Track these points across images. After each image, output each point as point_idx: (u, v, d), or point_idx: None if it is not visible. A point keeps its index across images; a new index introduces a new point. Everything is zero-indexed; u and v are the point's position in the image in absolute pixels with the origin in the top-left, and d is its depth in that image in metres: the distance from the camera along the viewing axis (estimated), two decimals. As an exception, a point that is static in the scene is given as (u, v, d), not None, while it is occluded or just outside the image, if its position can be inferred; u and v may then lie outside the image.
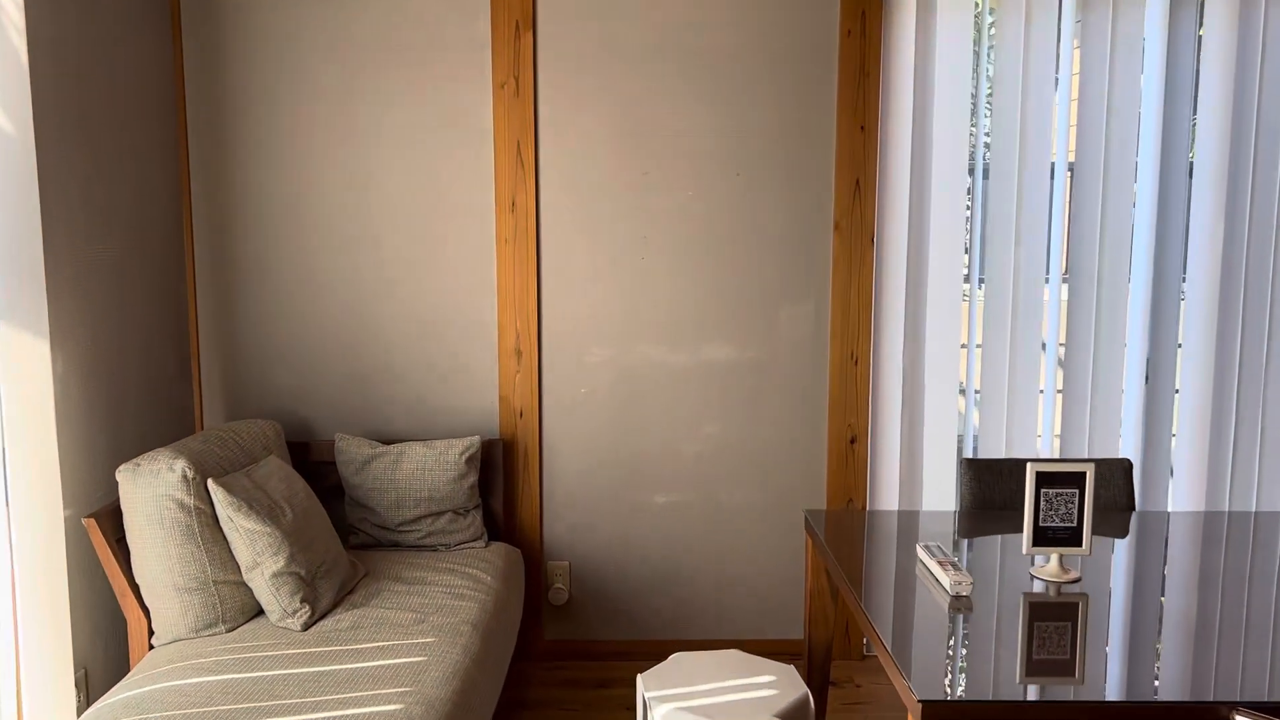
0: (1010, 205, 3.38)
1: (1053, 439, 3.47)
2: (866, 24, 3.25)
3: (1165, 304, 3.43)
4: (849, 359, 3.35)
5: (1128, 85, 3.35)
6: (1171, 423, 3.48)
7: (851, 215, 3.32)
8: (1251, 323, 3.41)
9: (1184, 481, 3.47)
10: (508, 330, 3.31)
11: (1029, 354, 3.42)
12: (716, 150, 3.28)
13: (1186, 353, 3.44)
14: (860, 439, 3.38)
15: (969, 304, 3.49)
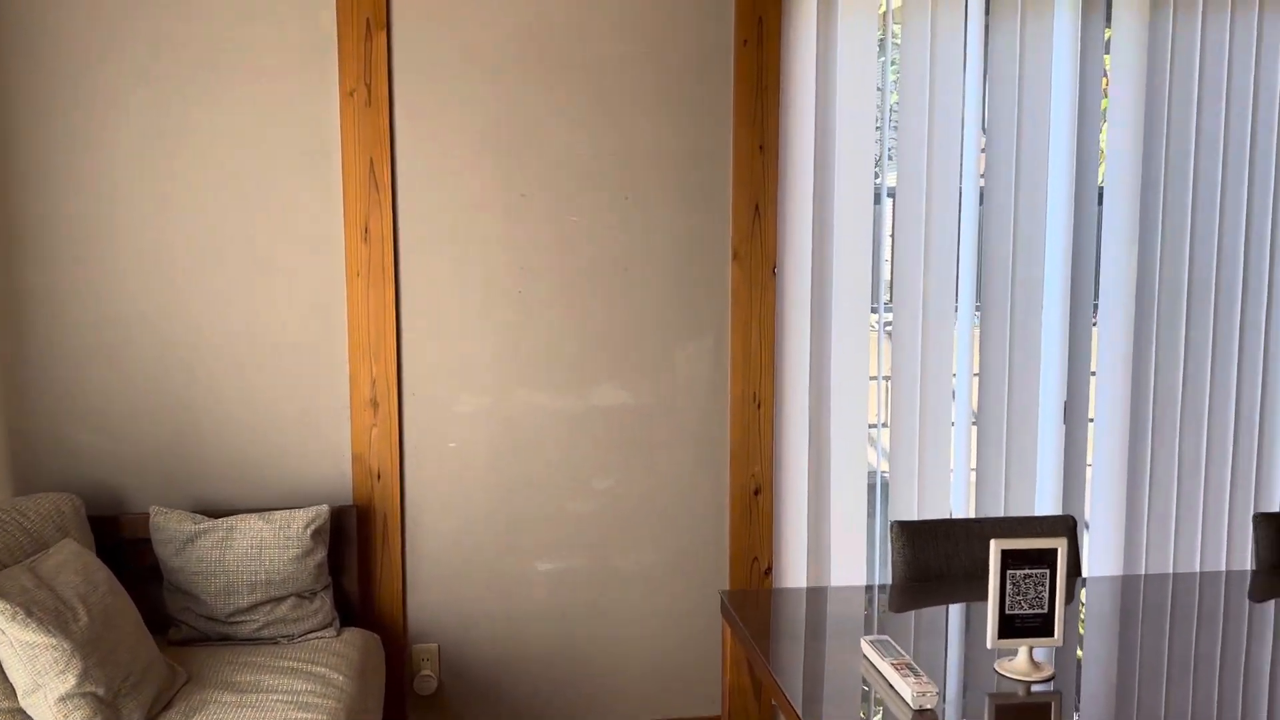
0: (918, 229, 2.99)
1: (968, 471, 3.10)
2: (764, 33, 2.82)
3: (1079, 330, 3.09)
4: (751, 401, 2.89)
5: (1038, 107, 3.00)
6: (1087, 451, 3.15)
7: (751, 242, 2.87)
8: (1165, 347, 3.09)
9: (1101, 510, 3.12)
10: (361, 378, 2.72)
11: (940, 385, 3.03)
12: (603, 171, 2.78)
13: (1101, 380, 3.11)
14: (764, 490, 2.91)
15: (877, 334, 3.09)
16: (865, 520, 2.99)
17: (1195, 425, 3.12)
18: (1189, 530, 3.14)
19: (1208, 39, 3.01)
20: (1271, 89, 3.04)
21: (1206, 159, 3.04)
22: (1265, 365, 3.13)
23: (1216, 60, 3.01)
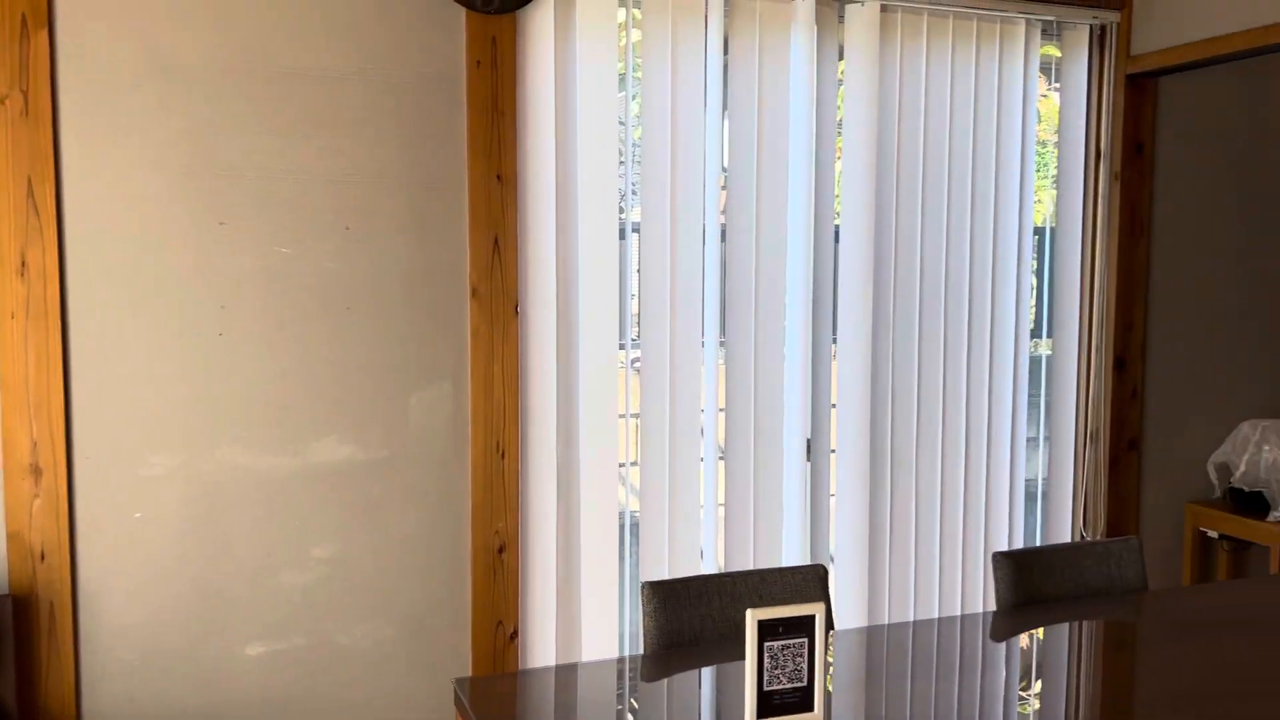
0: (664, 264, 2.82)
1: (716, 506, 2.94)
2: (498, 55, 2.56)
3: (820, 363, 3.02)
4: (494, 451, 2.60)
5: (776, 143, 2.90)
6: (830, 482, 3.08)
7: (491, 278, 2.59)
8: (900, 379, 3.07)
9: (845, 545, 3.05)
10: (18, 439, 2.21)
11: (689, 421, 2.86)
12: (320, 197, 2.42)
13: (841, 412, 3.04)
14: (510, 546, 2.62)
15: (625, 372, 2.89)
16: (617, 565, 2.77)
17: (930, 456, 3.11)
18: (928, 556, 3.12)
19: (931, 77, 3.02)
20: (990, 122, 3.09)
21: (932, 195, 3.05)
22: (990, 399, 3.17)
23: (940, 97, 3.03)
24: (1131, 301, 3.24)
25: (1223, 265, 3.38)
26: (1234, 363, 3.42)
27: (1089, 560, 2.21)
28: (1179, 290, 3.33)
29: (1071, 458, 3.29)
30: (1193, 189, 3.32)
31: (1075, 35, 3.17)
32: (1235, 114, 3.35)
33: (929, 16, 2.97)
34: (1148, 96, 3.20)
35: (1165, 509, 3.37)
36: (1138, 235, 3.23)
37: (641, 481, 2.81)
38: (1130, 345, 3.25)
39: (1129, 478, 3.29)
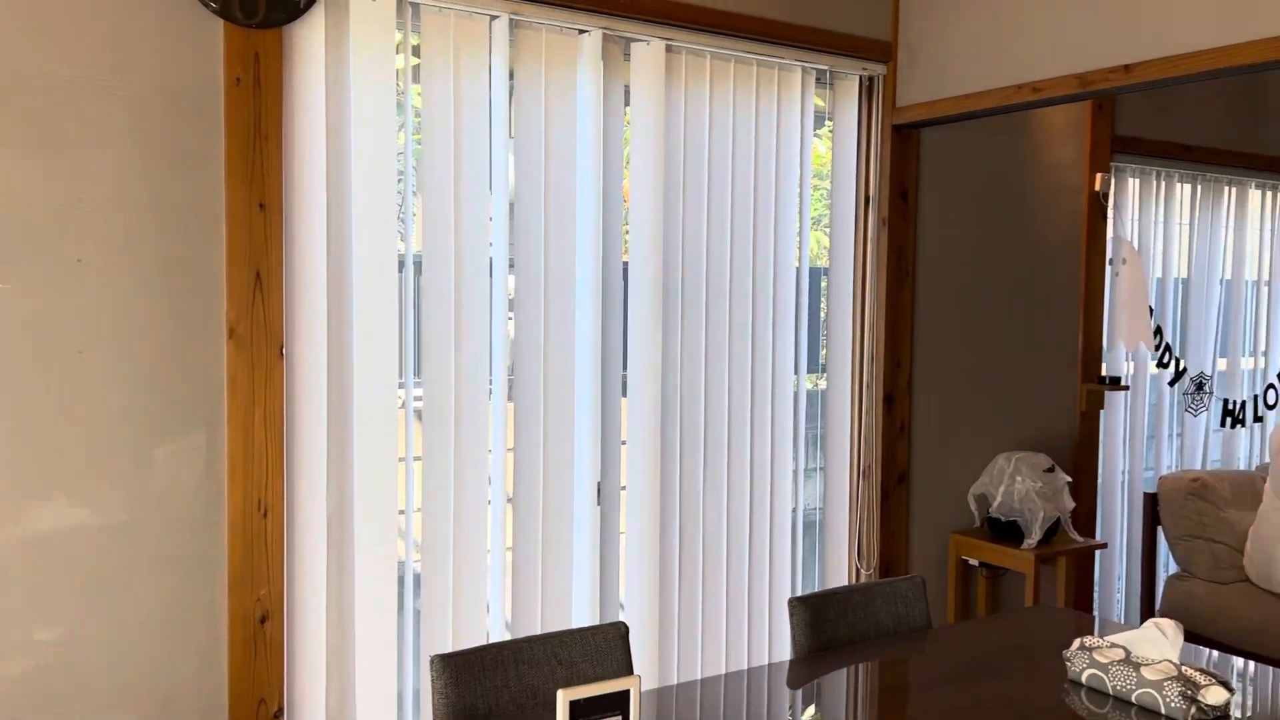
0: (448, 301, 2.63)
1: (504, 551, 2.78)
2: (261, 71, 2.30)
3: (610, 403, 2.93)
4: (255, 509, 2.31)
5: (564, 180, 2.80)
6: (620, 520, 2.99)
7: (252, 317, 2.31)
8: (688, 415, 3.03)
9: (635, 588, 2.96)
10: None
11: (475, 465, 2.69)
12: (46, 225, 2.08)
13: (631, 451, 2.96)
14: (274, 615, 2.34)
15: (406, 413, 2.67)
16: (395, 624, 2.54)
17: (716, 492, 3.08)
18: (715, 591, 3.08)
19: (715, 119, 3.00)
20: (769, 165, 3.11)
21: (717, 234, 3.03)
22: (773, 434, 3.18)
23: (723, 138, 3.02)
24: (899, 340, 3.35)
25: (978, 305, 3.57)
26: (989, 397, 3.61)
27: (879, 600, 2.21)
28: (940, 329, 3.48)
29: (846, 490, 3.35)
30: (951, 234, 3.49)
31: (846, 85, 3.25)
32: (988, 164, 3.56)
33: (712, 59, 2.96)
34: (911, 146, 3.33)
35: (932, 539, 3.50)
36: (904, 277, 3.35)
37: (423, 531, 2.61)
38: (899, 382, 3.36)
39: (899, 510, 3.39)
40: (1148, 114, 3.97)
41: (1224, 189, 4.31)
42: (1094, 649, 1.86)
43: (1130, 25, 2.57)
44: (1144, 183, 4.03)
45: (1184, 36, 2.47)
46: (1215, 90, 4.19)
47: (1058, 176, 3.75)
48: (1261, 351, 4.55)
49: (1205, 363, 4.27)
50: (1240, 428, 4.45)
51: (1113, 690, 1.81)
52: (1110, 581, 4.07)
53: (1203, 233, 4.24)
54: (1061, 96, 2.78)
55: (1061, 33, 2.74)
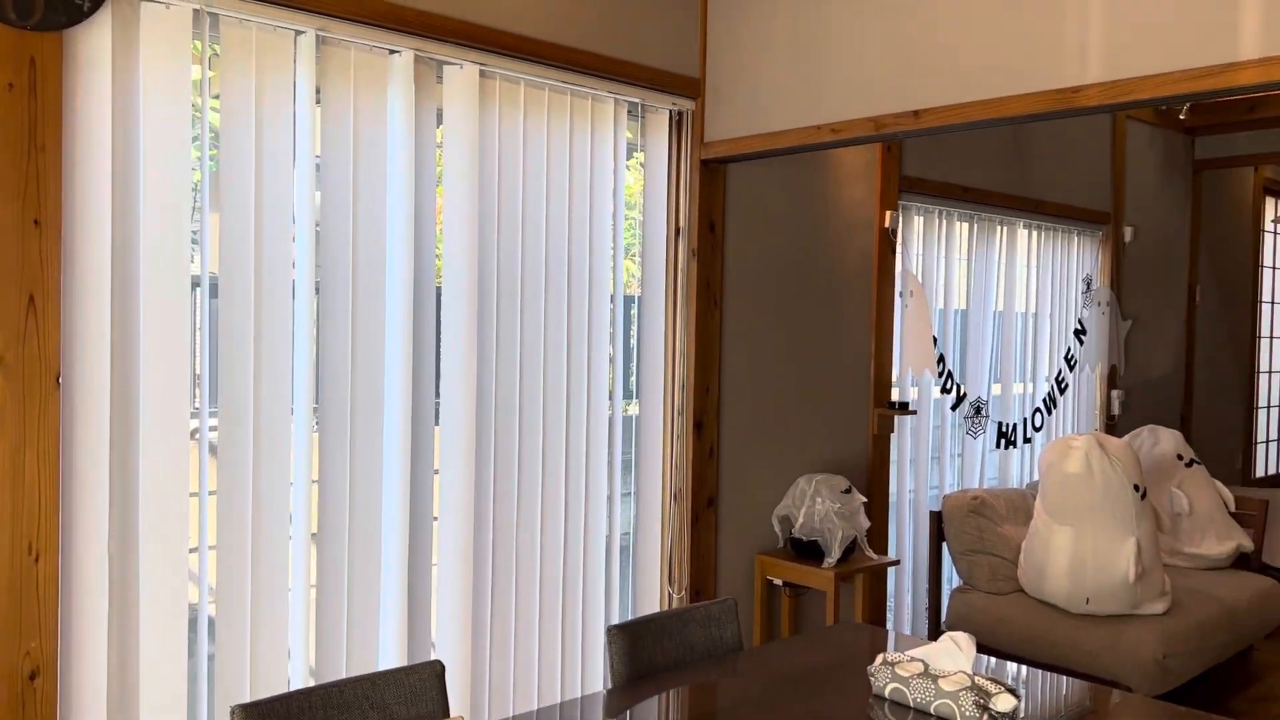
0: (247, 327, 2.49)
1: (307, 589, 2.64)
2: (38, 78, 2.11)
3: (421, 431, 2.85)
4: (26, 554, 2.09)
5: (373, 203, 2.72)
6: (431, 552, 2.91)
7: (24, 344, 2.10)
8: (503, 442, 2.99)
9: (447, 621, 2.88)
10: None
11: (276, 498, 2.55)
12: None
13: (444, 480, 2.89)
14: (45, 670, 2.12)
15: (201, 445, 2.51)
16: (185, 673, 2.36)
17: (530, 519, 3.05)
18: (529, 621, 3.04)
19: (529, 146, 3.00)
20: (584, 194, 3.13)
21: (532, 261, 3.02)
22: (587, 460, 3.19)
23: (538, 166, 3.02)
24: (708, 367, 3.43)
25: (781, 333, 3.71)
26: (792, 422, 3.76)
27: (694, 625, 2.24)
28: (747, 356, 3.59)
29: (658, 515, 3.40)
30: (756, 264, 3.62)
31: (657, 119, 3.33)
32: (791, 199, 3.72)
33: (526, 86, 2.96)
34: (719, 179, 3.44)
35: (739, 561, 3.59)
36: (712, 306, 3.44)
37: (218, 570, 2.45)
38: (708, 408, 3.44)
39: (708, 533, 3.47)
40: (931, 157, 4.27)
41: (997, 228, 4.68)
42: (895, 664, 1.96)
43: (919, 75, 2.76)
44: (928, 220, 4.33)
45: (966, 87, 2.67)
46: (990, 137, 4.56)
47: (852, 213, 3.96)
48: (1030, 378, 4.96)
49: (982, 388, 4.61)
50: (1013, 449, 4.82)
51: (914, 703, 1.90)
52: (903, 596, 4.30)
53: (979, 268, 4.59)
54: (857, 138, 2.95)
55: (858, 79, 2.90)
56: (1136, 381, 5.56)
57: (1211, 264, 6.22)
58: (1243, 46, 2.22)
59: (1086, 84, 2.46)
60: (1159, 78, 2.34)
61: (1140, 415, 5.55)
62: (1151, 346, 5.68)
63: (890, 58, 2.81)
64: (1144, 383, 5.62)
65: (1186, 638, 3.56)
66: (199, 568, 2.50)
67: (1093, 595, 3.61)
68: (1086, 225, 5.16)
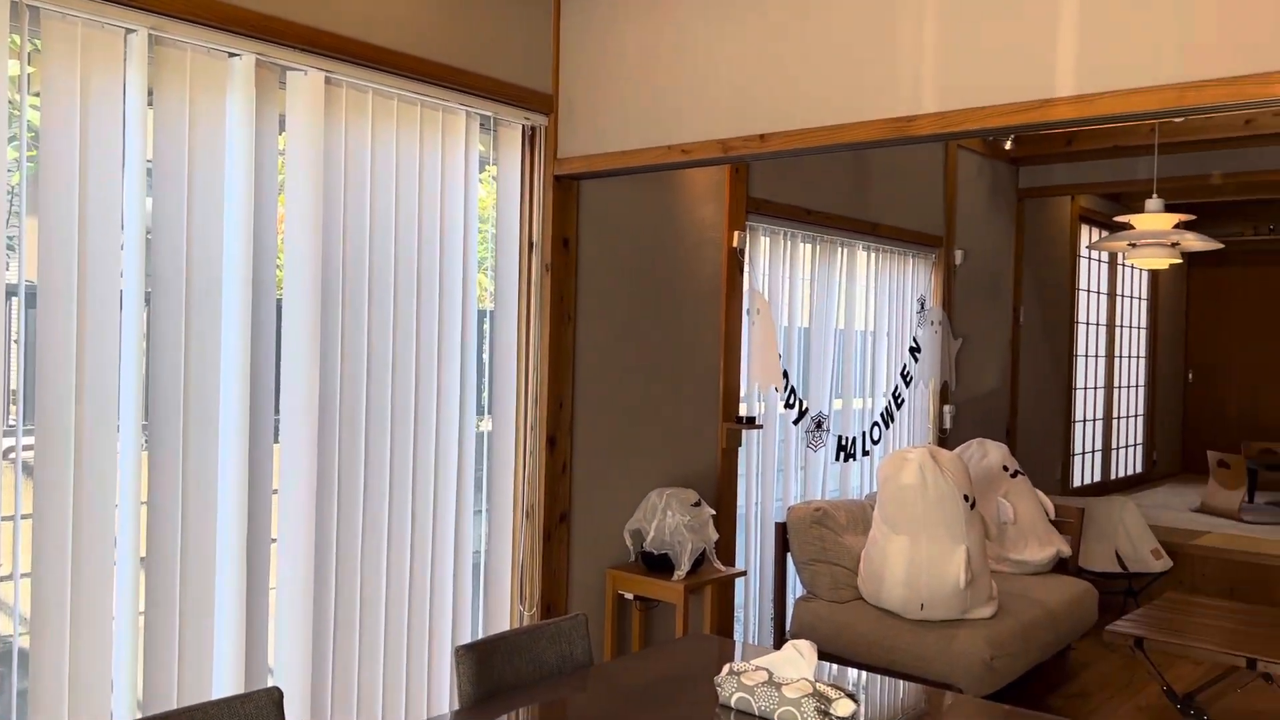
0: (68, 336, 2.34)
1: (135, 617, 2.49)
2: None
3: (260, 450, 2.74)
4: None
5: (209, 213, 2.60)
6: (269, 575, 2.80)
7: None
8: (348, 461, 2.91)
9: (287, 647, 2.77)
10: None
11: (100, 522, 2.40)
12: None
13: (284, 499, 2.79)
14: None
15: (16, 465, 2.34)
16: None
17: (376, 539, 2.97)
18: (373, 644, 2.96)
19: (378, 156, 2.94)
20: (435, 207, 3.09)
21: (380, 274, 2.96)
22: (437, 477, 3.13)
23: (386, 177, 2.96)
24: (561, 382, 3.43)
25: (634, 349, 3.75)
26: (644, 437, 3.80)
27: (544, 641, 2.23)
28: (600, 372, 3.62)
29: (510, 532, 3.37)
30: (609, 280, 3.65)
31: (510, 133, 3.32)
32: (643, 217, 3.77)
33: (374, 95, 2.91)
34: (572, 196, 3.46)
35: (591, 576, 3.60)
36: (565, 321, 3.45)
37: (33, 600, 2.29)
38: (561, 423, 3.44)
39: (560, 550, 3.46)
40: (777, 180, 4.41)
41: (838, 249, 4.87)
42: (741, 673, 2.00)
43: (766, 100, 2.85)
44: (773, 241, 4.47)
45: (809, 114, 2.78)
46: (833, 162, 4.75)
47: (702, 232, 4.05)
48: (869, 393, 5.17)
49: (824, 403, 4.78)
50: (853, 461, 5.01)
51: (758, 711, 1.95)
52: (749, 606, 4.40)
53: (821, 287, 4.77)
54: (707, 159, 3.02)
55: (707, 102, 2.97)
56: (967, 397, 5.88)
57: (1034, 286, 6.65)
58: (1058, 85, 2.39)
59: (920, 114, 2.59)
60: (985, 110, 2.50)
61: (970, 429, 5.87)
62: (980, 364, 6.02)
63: (738, 83, 2.90)
64: (973, 398, 5.94)
65: (1012, 640, 3.78)
66: (14, 598, 2.33)
67: (927, 601, 3.78)
68: (921, 248, 5.43)
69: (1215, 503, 6.65)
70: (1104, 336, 7.77)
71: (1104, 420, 7.76)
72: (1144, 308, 8.50)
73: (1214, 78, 2.18)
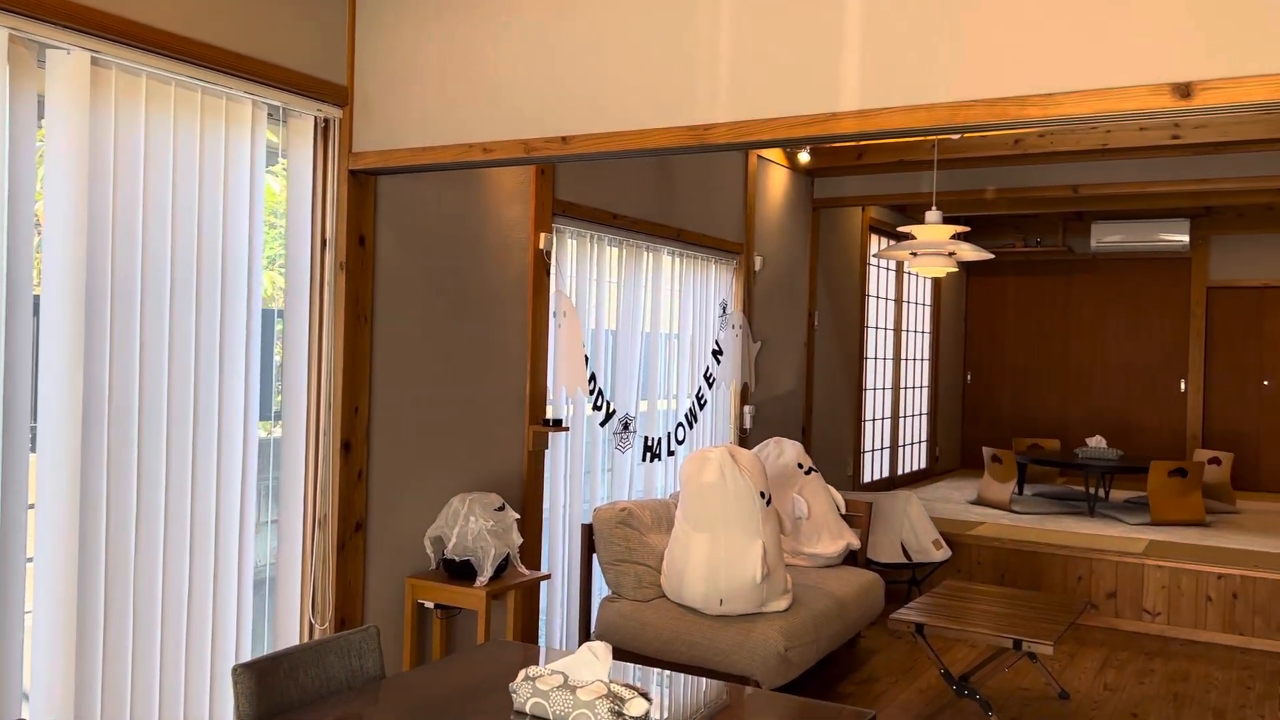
0: None
1: None
2: None
3: (13, 459, 2.50)
4: None
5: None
6: (25, 600, 2.55)
7: None
8: (117, 471, 2.69)
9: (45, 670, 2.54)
10: None
11: None
12: None
13: (40, 518, 2.55)
14: None
15: None
16: None
17: (151, 555, 2.77)
18: (148, 668, 2.76)
19: (153, 145, 2.75)
20: (216, 200, 2.91)
21: (154, 271, 2.76)
22: (219, 486, 2.95)
23: (162, 167, 2.77)
24: (357, 386, 3.31)
25: (436, 352, 3.67)
26: (447, 441, 3.72)
27: (331, 656, 2.14)
28: (399, 375, 3.51)
29: (300, 543, 3.22)
30: (410, 281, 3.55)
31: (301, 124, 3.18)
32: (446, 216, 3.69)
33: (148, 80, 2.71)
34: (369, 192, 3.34)
35: (390, 586, 3.49)
36: (362, 322, 3.33)
37: None
38: (356, 429, 3.32)
39: (356, 560, 3.34)
40: (584, 183, 4.43)
41: (644, 253, 4.94)
42: (536, 678, 1.98)
43: (568, 103, 2.85)
44: (580, 243, 4.48)
45: (610, 118, 2.79)
46: (639, 168, 4.81)
47: (508, 233, 4.01)
48: (674, 395, 5.27)
49: (631, 405, 4.83)
50: (658, 461, 5.09)
51: (553, 715, 1.93)
52: (556, 610, 4.39)
53: (628, 291, 4.82)
54: (509, 159, 2.99)
55: (509, 102, 2.94)
56: (765, 397, 6.09)
57: (827, 292, 6.97)
58: (843, 100, 2.50)
59: (716, 123, 2.66)
60: (776, 121, 2.58)
61: (768, 428, 6.09)
62: (778, 366, 6.26)
63: (540, 85, 2.88)
64: (772, 398, 6.17)
65: (805, 630, 3.93)
66: None
67: (726, 596, 3.88)
68: (723, 254, 5.58)
69: (989, 495, 7.17)
70: (892, 340, 8.24)
71: (891, 419, 8.23)
72: (928, 313, 9.08)
73: (980, 99, 2.34)
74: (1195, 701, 4.33)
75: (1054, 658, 4.91)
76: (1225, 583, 5.25)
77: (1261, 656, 5.03)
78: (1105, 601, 5.55)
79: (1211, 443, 8.96)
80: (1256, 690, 4.51)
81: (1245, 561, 5.39)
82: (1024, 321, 9.82)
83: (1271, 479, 8.80)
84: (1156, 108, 2.18)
